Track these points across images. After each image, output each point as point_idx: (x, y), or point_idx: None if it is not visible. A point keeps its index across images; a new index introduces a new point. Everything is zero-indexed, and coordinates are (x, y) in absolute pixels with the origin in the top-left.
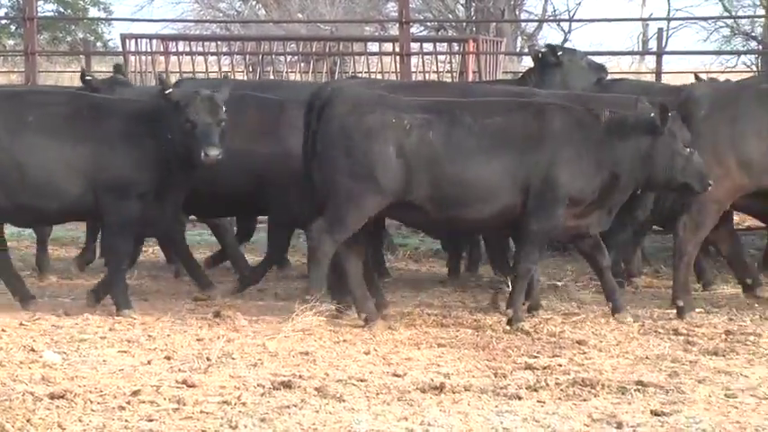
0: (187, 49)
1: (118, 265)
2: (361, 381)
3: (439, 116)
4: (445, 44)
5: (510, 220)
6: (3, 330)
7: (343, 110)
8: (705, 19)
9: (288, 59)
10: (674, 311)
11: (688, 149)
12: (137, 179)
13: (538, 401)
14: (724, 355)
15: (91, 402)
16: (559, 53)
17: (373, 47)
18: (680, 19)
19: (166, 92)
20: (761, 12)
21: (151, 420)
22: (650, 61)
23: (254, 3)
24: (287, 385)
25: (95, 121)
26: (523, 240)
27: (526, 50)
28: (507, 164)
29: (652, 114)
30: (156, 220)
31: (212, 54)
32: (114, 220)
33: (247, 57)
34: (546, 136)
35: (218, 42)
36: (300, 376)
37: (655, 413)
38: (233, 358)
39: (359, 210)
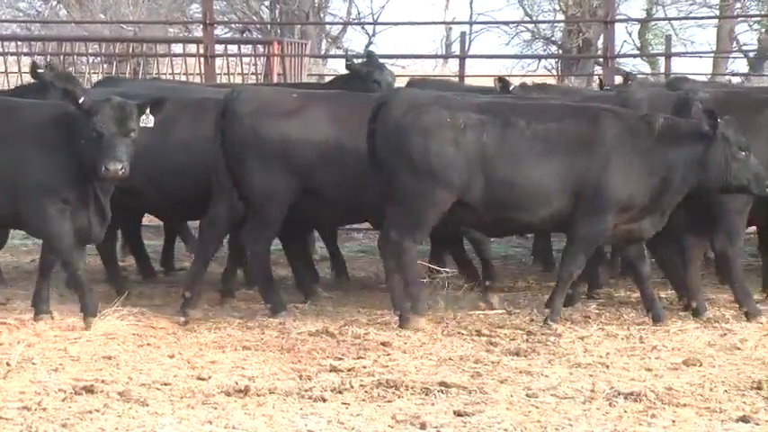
0: None
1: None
2: (165, 384)
3: (493, 118)
4: (250, 46)
5: (560, 223)
6: None
7: (400, 110)
8: (507, 23)
9: (90, 60)
10: (479, 313)
11: (743, 152)
12: (54, 186)
13: (342, 403)
14: (525, 356)
15: None
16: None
17: (177, 48)
18: (482, 23)
19: (79, 99)
20: (560, 17)
21: None
22: (453, 64)
23: (54, 3)
24: (89, 390)
25: (10, 125)
26: (570, 244)
27: (332, 53)
28: (558, 168)
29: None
30: (83, 228)
31: (12, 54)
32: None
33: (48, 57)
34: (598, 141)
35: (18, 42)
36: (103, 381)
37: (458, 413)
38: (33, 363)
39: (432, 206)
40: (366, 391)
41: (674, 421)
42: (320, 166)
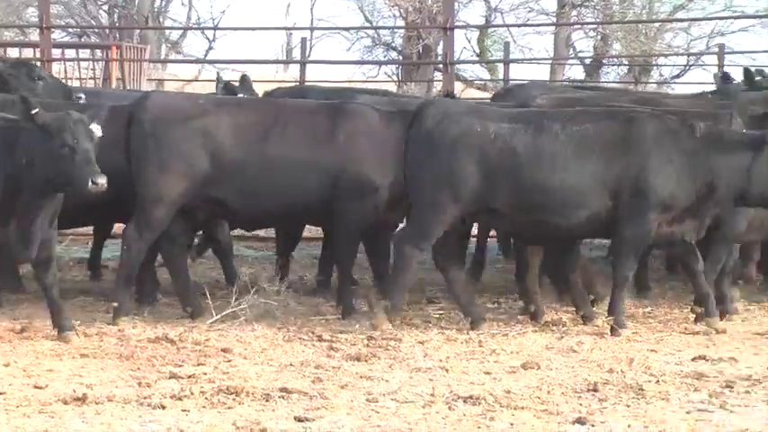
0: None
1: None
2: (0, 394)
3: (526, 125)
4: (88, 50)
5: (597, 227)
6: None
7: (432, 121)
8: (347, 29)
9: None
10: (320, 318)
11: None
12: None
13: (182, 410)
14: (366, 361)
15: None
16: None
17: (14, 52)
18: (323, 29)
19: (32, 112)
20: (401, 23)
21: None
22: (294, 70)
23: None
24: None
25: None
26: (619, 248)
27: (172, 57)
28: (595, 171)
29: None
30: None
31: None
32: None
33: None
34: (635, 143)
35: None
36: None
37: (298, 419)
38: None
39: (438, 218)
40: (206, 398)
41: (512, 424)
42: (218, 172)
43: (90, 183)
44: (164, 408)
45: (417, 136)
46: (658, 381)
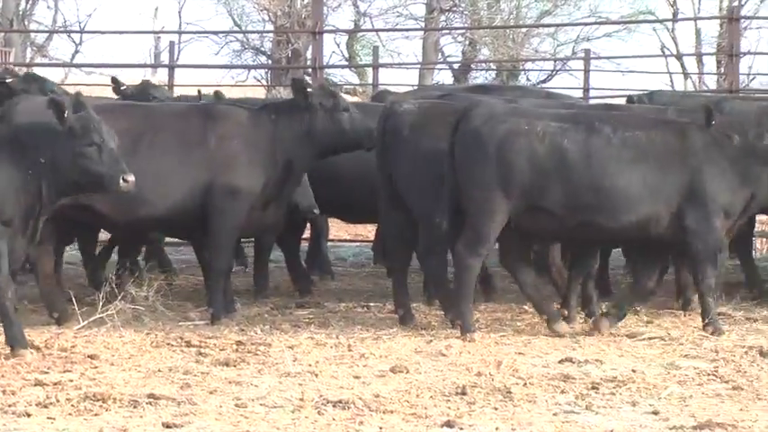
0: None
1: None
2: None
3: (575, 124)
4: None
5: (648, 233)
6: None
7: (478, 121)
8: (216, 33)
9: None
10: (188, 324)
11: None
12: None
13: (48, 418)
14: (235, 366)
15: None
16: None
17: None
18: (191, 32)
19: (64, 114)
20: (270, 27)
21: None
22: (162, 74)
23: None
24: None
25: None
26: (696, 261)
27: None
28: (648, 176)
29: None
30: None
31: None
32: None
33: None
34: (689, 153)
35: None
36: None
37: (166, 425)
38: None
39: (492, 220)
40: (72, 405)
41: (381, 428)
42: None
43: (121, 181)
44: (29, 416)
45: (464, 137)
46: (526, 383)
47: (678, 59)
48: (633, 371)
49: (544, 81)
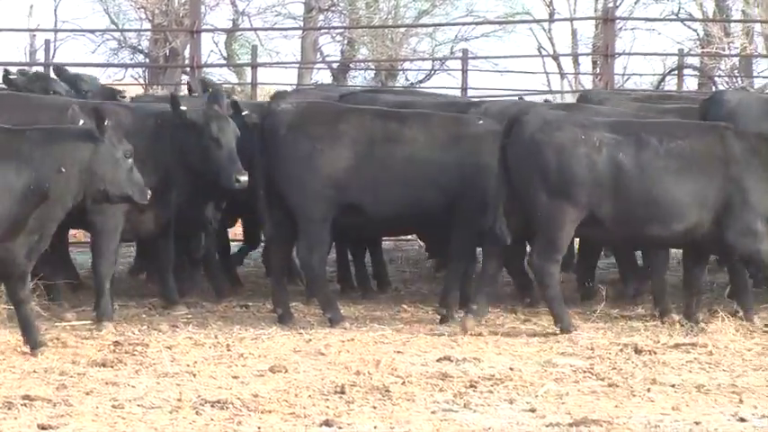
0: None
1: None
2: None
3: (626, 135)
4: None
5: (693, 239)
6: None
7: (532, 128)
8: (92, 31)
9: None
10: (65, 324)
11: None
12: None
13: None
14: (112, 366)
15: None
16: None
17: None
18: (67, 30)
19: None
20: (147, 26)
21: None
22: None
23: None
24: None
25: None
26: (753, 265)
27: None
28: (694, 184)
29: None
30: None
31: None
32: None
33: None
34: (731, 158)
35: None
36: None
37: (42, 427)
38: None
39: (563, 226)
40: None
41: (259, 427)
42: None
43: (234, 179)
44: None
45: (518, 145)
46: (404, 382)
47: (555, 59)
48: (511, 369)
49: (422, 81)
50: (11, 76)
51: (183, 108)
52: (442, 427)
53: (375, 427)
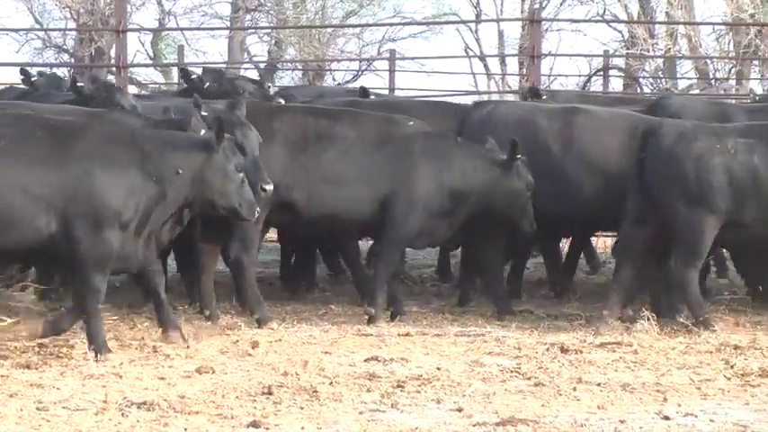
0: None
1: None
2: None
3: (759, 140)
4: None
5: None
6: None
7: (670, 140)
8: (16, 30)
9: None
10: None
11: None
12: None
13: None
14: (36, 369)
15: None
16: None
17: None
18: None
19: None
20: (72, 25)
21: None
22: None
23: None
24: None
25: None
26: None
27: None
28: None
29: None
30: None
31: None
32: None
33: None
34: None
35: None
36: None
37: None
38: None
39: (704, 236)
40: None
41: (186, 429)
42: None
43: (259, 188)
44: None
45: (657, 156)
46: (332, 382)
47: (481, 60)
48: (438, 368)
49: (349, 81)
50: (78, 84)
51: (203, 114)
52: (369, 427)
53: (302, 428)
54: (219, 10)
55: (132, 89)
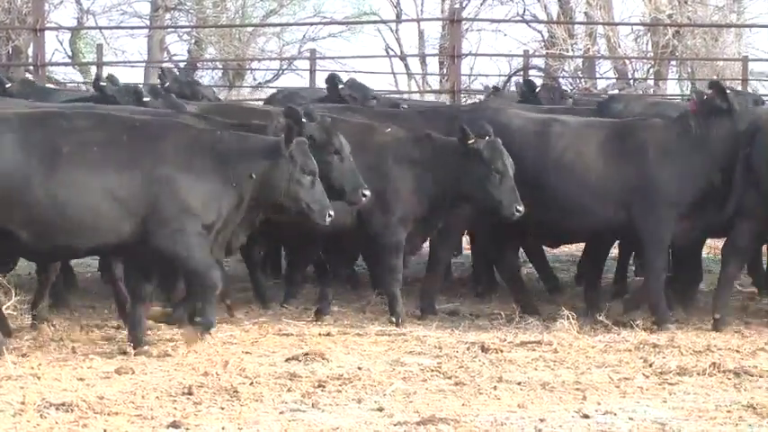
0: None
1: None
2: None
3: None
4: None
5: None
6: None
7: None
8: None
9: None
10: None
11: None
12: None
13: None
14: None
15: None
16: None
17: None
18: None
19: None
20: None
21: None
22: None
23: None
24: None
25: None
26: None
27: None
28: None
29: None
30: None
31: None
32: None
33: None
34: None
35: None
36: None
37: None
38: None
39: None
40: None
41: (105, 430)
42: None
43: (360, 194)
44: None
45: (764, 151)
46: (252, 382)
47: (402, 60)
48: (359, 368)
49: (270, 81)
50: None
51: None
52: (290, 427)
53: (223, 428)
54: (139, 9)
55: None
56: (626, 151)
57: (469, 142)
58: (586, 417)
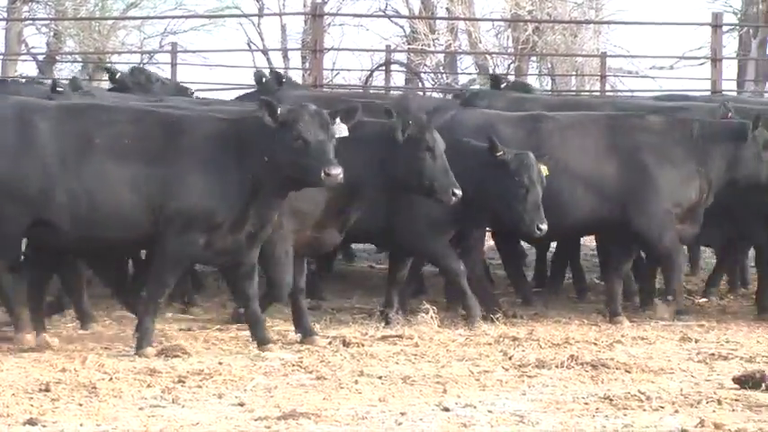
0: None
1: None
2: None
3: None
4: None
5: None
6: None
7: None
8: None
9: None
10: None
11: None
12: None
13: None
14: None
15: None
16: None
17: None
18: None
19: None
20: None
21: None
22: None
23: None
24: None
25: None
26: None
27: None
28: None
29: None
30: None
31: None
32: None
33: None
34: None
35: None
36: None
37: None
38: None
39: None
40: None
41: None
42: None
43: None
44: None
45: None
46: (112, 378)
47: (264, 54)
48: (220, 363)
49: None
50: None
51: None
52: (150, 422)
53: (81, 425)
54: None
55: None
56: None
57: (498, 154)
58: (447, 410)
